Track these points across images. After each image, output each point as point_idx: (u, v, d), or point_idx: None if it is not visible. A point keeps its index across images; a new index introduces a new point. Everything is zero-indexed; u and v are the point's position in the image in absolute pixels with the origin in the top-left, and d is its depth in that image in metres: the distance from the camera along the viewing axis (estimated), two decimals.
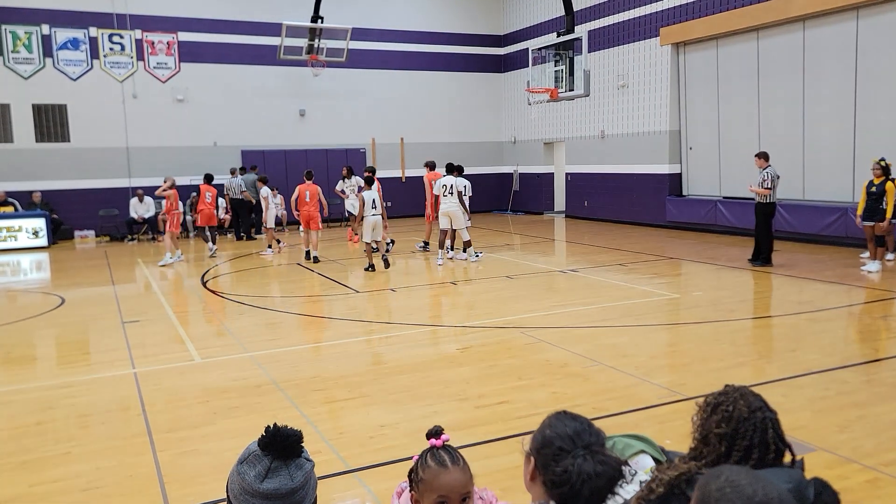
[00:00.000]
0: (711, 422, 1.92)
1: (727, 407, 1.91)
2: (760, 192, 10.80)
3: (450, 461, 1.86)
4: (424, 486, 1.85)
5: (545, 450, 1.80)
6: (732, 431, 1.87)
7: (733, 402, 1.91)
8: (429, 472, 1.85)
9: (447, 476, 1.83)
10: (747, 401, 1.91)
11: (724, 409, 1.91)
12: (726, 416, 1.89)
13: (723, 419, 1.89)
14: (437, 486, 1.83)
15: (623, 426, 4.50)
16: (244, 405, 5.35)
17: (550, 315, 8.11)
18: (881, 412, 4.83)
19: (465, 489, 1.85)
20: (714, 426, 1.90)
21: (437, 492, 1.83)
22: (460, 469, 1.86)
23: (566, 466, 1.73)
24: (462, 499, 1.85)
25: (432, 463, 1.86)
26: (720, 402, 1.93)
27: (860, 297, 8.80)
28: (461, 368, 6.12)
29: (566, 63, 14.08)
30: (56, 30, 17.67)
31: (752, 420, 1.87)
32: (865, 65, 12.56)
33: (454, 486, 1.83)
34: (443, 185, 12.48)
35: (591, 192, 19.35)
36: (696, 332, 7.28)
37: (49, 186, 17.63)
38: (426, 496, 1.85)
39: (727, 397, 1.93)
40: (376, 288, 10.38)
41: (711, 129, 15.93)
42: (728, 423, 1.88)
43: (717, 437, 1.89)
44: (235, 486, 1.53)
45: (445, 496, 1.83)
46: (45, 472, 4.25)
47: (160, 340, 7.63)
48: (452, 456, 1.88)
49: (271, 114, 19.90)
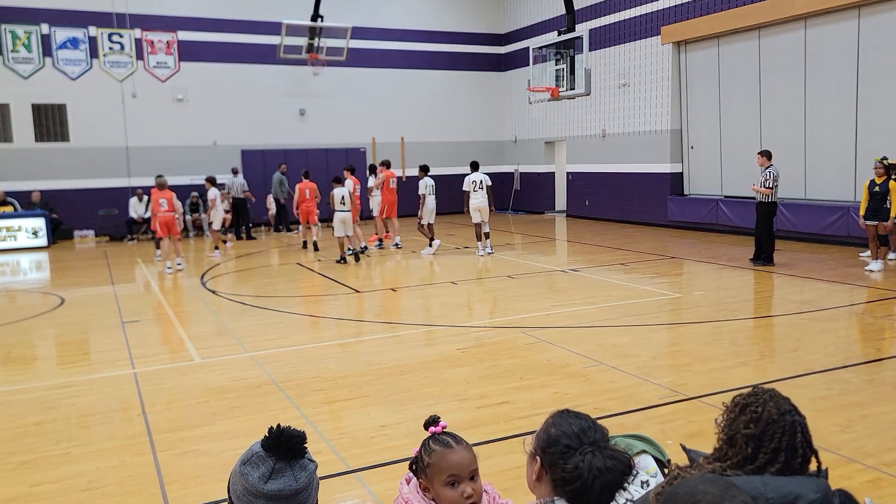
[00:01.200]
0: (739, 422, 1.87)
1: (756, 408, 1.86)
2: (763, 192, 10.77)
3: (454, 442, 1.91)
4: (433, 470, 1.87)
5: (552, 448, 1.79)
6: (760, 433, 1.83)
7: (763, 403, 1.87)
8: (435, 455, 1.88)
9: (454, 454, 1.87)
10: (777, 403, 1.87)
11: (753, 410, 1.86)
12: (755, 417, 1.85)
13: (751, 420, 1.85)
14: (445, 466, 1.86)
15: (624, 426, 4.49)
16: (244, 405, 5.33)
17: (551, 315, 8.10)
18: (883, 412, 4.82)
19: (473, 465, 1.89)
20: (742, 427, 1.86)
21: (447, 471, 1.86)
22: (464, 447, 1.90)
23: (576, 463, 1.72)
24: (471, 476, 1.88)
25: (436, 447, 1.90)
26: (749, 403, 1.89)
27: (862, 296, 8.78)
28: (462, 368, 6.11)
29: (567, 62, 14.06)
30: (55, 29, 17.66)
31: (781, 422, 1.83)
32: (867, 63, 12.54)
33: (462, 463, 1.87)
34: (472, 181, 13.23)
35: (593, 192, 19.33)
36: (697, 331, 7.27)
37: (48, 186, 17.61)
38: (436, 479, 1.87)
39: (757, 398, 1.89)
40: (377, 288, 10.36)
41: (713, 128, 15.91)
42: (756, 425, 1.84)
43: (745, 438, 1.84)
44: (238, 487, 1.52)
45: (455, 474, 1.86)
46: (46, 472, 4.24)
47: (160, 340, 7.62)
48: (455, 438, 1.93)
49: (271, 113, 19.88)
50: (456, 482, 1.86)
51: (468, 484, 1.87)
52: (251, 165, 19.15)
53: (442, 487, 1.87)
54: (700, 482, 1.40)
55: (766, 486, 1.72)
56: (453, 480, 1.86)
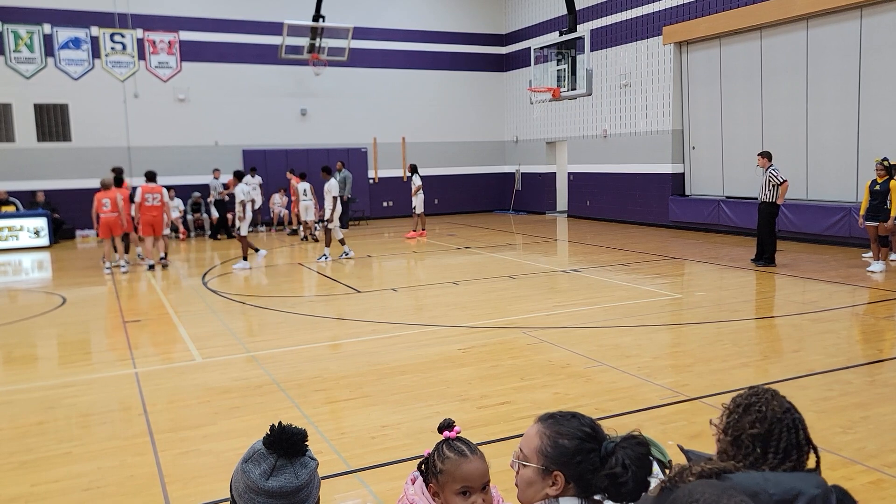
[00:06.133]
0: (745, 422, 1.86)
1: (760, 407, 1.86)
2: (783, 190, 10.74)
3: (469, 451, 1.89)
4: (445, 478, 1.86)
5: (576, 458, 1.71)
6: (767, 432, 1.82)
7: (766, 402, 1.87)
8: (449, 462, 1.86)
9: (469, 465, 1.86)
10: (779, 401, 1.87)
11: (758, 410, 1.85)
12: (760, 417, 1.84)
13: (756, 419, 1.84)
14: (459, 476, 1.85)
15: (626, 427, 4.46)
16: (245, 405, 5.33)
17: (552, 315, 8.10)
18: (885, 413, 4.81)
19: (486, 477, 1.88)
20: (748, 427, 1.85)
21: (460, 482, 1.85)
22: (479, 458, 1.89)
23: (621, 462, 1.68)
24: (483, 487, 1.87)
25: (451, 454, 1.88)
26: (752, 403, 1.88)
27: (864, 297, 8.77)
28: (463, 369, 6.11)
29: (568, 62, 14.05)
30: (58, 29, 17.67)
31: (785, 420, 1.83)
32: (869, 64, 12.52)
33: (476, 475, 1.86)
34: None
35: (594, 192, 19.32)
36: (698, 332, 7.26)
37: (50, 186, 17.63)
38: (448, 487, 1.86)
39: (759, 397, 1.89)
40: (378, 288, 10.36)
41: (714, 129, 15.90)
42: (762, 423, 1.83)
43: (751, 438, 1.83)
44: (240, 485, 1.53)
45: (468, 485, 1.85)
46: (47, 472, 4.24)
47: (161, 340, 7.63)
48: (469, 446, 1.91)
49: (273, 113, 19.89)
50: (468, 492, 1.86)
51: (480, 495, 1.87)
52: (252, 165, 19.15)
53: (453, 496, 1.86)
54: (698, 483, 1.40)
55: (768, 481, 1.72)
56: (466, 490, 1.85)
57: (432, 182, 22.24)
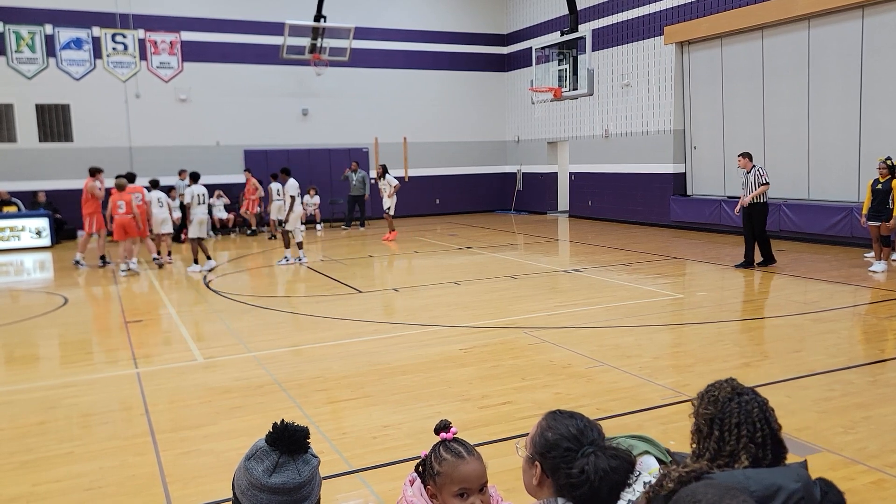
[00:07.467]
0: (700, 408, 1.97)
1: (714, 392, 1.97)
2: (761, 190, 10.81)
3: (465, 452, 1.89)
4: (443, 479, 1.87)
5: (552, 453, 1.78)
6: (719, 412, 1.90)
7: (719, 387, 1.97)
8: (446, 464, 1.87)
9: (466, 467, 1.86)
10: (733, 385, 1.97)
11: (711, 395, 1.97)
12: (712, 399, 1.95)
13: (709, 402, 1.95)
14: (457, 478, 1.86)
15: (627, 427, 4.48)
16: (247, 405, 5.34)
17: (554, 315, 8.09)
18: (886, 413, 4.80)
19: (483, 478, 1.89)
20: (702, 409, 1.95)
21: (458, 483, 1.85)
22: (476, 459, 1.89)
23: (581, 467, 1.71)
24: (480, 488, 1.88)
25: (448, 455, 1.88)
26: (708, 391, 2.00)
27: (865, 297, 8.76)
28: (464, 369, 6.11)
29: (570, 62, 14.05)
30: (59, 29, 17.69)
31: (736, 400, 1.91)
32: (871, 64, 12.51)
33: (473, 477, 1.87)
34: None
35: (595, 192, 19.31)
36: (700, 332, 7.25)
37: (52, 186, 17.65)
38: (445, 489, 1.87)
39: (714, 386, 2.00)
40: (379, 288, 10.36)
41: (716, 129, 15.89)
42: (714, 405, 1.93)
43: (706, 421, 1.92)
44: (243, 482, 1.55)
45: (466, 487, 1.86)
46: (48, 472, 4.24)
47: (163, 340, 7.63)
48: (466, 447, 1.91)
49: (274, 113, 19.90)
50: (466, 494, 1.86)
51: (478, 496, 1.87)
52: (254, 165, 19.13)
53: (451, 498, 1.87)
54: (701, 484, 1.40)
55: (749, 479, 1.75)
56: (463, 492, 1.86)
57: (434, 182, 22.26)
